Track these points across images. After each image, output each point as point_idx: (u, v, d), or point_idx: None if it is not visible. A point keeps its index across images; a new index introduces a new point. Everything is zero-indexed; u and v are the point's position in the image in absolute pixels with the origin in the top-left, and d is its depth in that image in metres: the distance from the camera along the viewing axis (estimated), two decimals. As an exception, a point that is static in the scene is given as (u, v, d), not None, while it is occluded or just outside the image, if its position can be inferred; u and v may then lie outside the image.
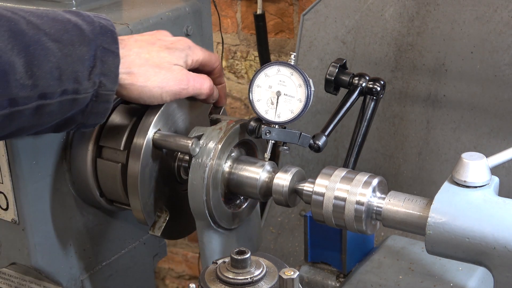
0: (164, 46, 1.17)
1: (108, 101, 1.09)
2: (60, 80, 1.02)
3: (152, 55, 1.15)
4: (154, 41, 1.18)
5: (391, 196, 1.12)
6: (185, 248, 2.75)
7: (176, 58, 1.18)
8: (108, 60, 1.07)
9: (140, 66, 1.13)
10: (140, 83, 1.13)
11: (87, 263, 1.37)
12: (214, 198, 1.20)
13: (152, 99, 1.16)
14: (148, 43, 1.16)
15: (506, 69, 1.53)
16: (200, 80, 1.21)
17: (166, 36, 1.21)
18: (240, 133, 1.24)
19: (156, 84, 1.15)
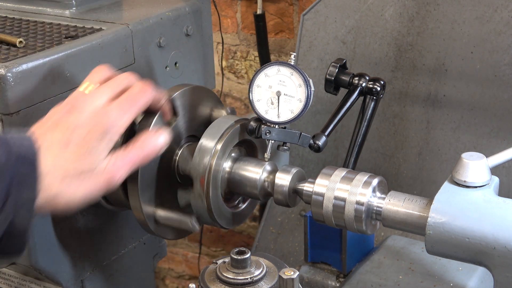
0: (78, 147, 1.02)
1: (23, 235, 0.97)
2: None
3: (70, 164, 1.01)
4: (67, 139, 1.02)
5: (391, 196, 1.12)
6: (185, 248, 2.75)
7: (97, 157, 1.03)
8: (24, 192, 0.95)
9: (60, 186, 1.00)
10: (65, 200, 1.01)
11: (87, 263, 1.37)
12: (214, 198, 1.20)
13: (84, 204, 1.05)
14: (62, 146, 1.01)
15: (506, 69, 1.53)
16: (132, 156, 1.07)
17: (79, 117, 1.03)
18: (240, 133, 1.24)
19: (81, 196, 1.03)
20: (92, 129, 1.03)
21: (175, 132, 1.25)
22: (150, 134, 1.10)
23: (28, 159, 0.96)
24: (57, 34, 1.32)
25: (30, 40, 1.29)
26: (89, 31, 1.33)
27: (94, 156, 1.03)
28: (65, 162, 1.00)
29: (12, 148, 0.95)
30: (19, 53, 1.22)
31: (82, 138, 1.02)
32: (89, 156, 1.02)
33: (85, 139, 1.02)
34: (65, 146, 1.01)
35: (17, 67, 1.16)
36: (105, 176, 1.04)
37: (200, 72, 1.54)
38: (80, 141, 1.02)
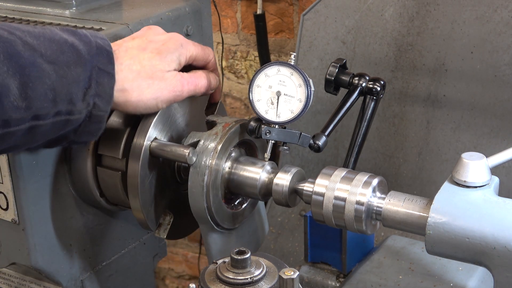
0: (155, 51, 1.15)
1: (101, 121, 1.09)
2: (54, 101, 1.01)
3: (144, 65, 1.13)
4: (145, 45, 1.15)
5: (391, 196, 1.12)
6: (185, 248, 2.75)
7: (168, 64, 1.16)
8: (103, 81, 1.06)
9: (132, 81, 1.12)
10: (134, 98, 1.12)
11: (87, 263, 1.37)
12: (214, 199, 1.20)
13: (148, 110, 1.16)
14: (139, 50, 1.14)
15: (506, 69, 1.53)
16: (194, 80, 1.20)
17: (157, 34, 1.19)
18: (240, 133, 1.24)
19: (151, 96, 1.14)
20: (166, 42, 1.17)
21: (176, 132, 1.25)
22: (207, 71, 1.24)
23: (105, 50, 1.07)
24: (57, 34, 1.32)
25: (30, 40, 1.28)
26: (89, 31, 1.33)
27: (167, 61, 1.15)
28: (141, 60, 1.13)
29: (91, 40, 1.06)
30: (19, 53, 1.22)
31: (157, 47, 1.15)
32: (162, 61, 1.14)
33: (160, 48, 1.15)
34: (143, 49, 1.14)
35: (17, 67, 1.16)
36: (174, 84, 1.16)
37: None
38: (155, 49, 1.15)
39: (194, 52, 1.21)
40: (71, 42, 1.04)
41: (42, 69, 1.00)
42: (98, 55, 1.06)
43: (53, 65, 1.01)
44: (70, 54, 1.03)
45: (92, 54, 1.05)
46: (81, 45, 1.05)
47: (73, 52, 1.04)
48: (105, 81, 1.06)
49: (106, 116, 1.09)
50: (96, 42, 1.07)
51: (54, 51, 1.02)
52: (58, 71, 1.01)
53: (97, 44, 1.07)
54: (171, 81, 1.16)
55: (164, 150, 1.19)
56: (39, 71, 0.99)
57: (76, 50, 1.04)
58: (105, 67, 1.06)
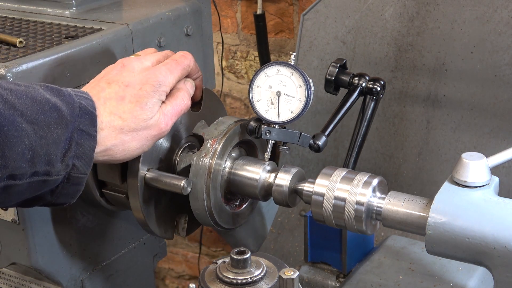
0: (134, 99, 1.09)
1: (80, 183, 1.05)
2: (32, 162, 0.98)
3: (125, 119, 1.08)
4: (123, 93, 1.10)
5: (391, 196, 1.12)
6: (185, 248, 2.75)
7: (150, 110, 1.11)
8: (84, 143, 1.03)
9: (115, 139, 1.08)
10: (119, 154, 1.09)
11: (87, 263, 1.37)
12: (214, 198, 1.20)
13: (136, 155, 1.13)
14: (117, 101, 1.09)
15: (506, 69, 1.53)
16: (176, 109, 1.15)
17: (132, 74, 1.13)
18: (240, 133, 1.24)
19: (136, 147, 1.11)
20: (144, 85, 1.11)
21: (175, 132, 1.25)
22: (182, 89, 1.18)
23: (89, 112, 1.04)
24: (57, 34, 1.32)
25: (30, 40, 1.29)
26: (89, 31, 1.33)
27: (147, 110, 1.10)
28: (122, 114, 1.08)
29: (75, 100, 1.03)
30: (19, 53, 1.22)
31: (136, 93, 1.10)
32: (143, 110, 1.10)
33: (138, 94, 1.10)
34: (121, 100, 1.09)
35: (17, 67, 1.16)
36: (158, 128, 1.12)
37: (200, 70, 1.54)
38: (134, 96, 1.10)
39: (174, 80, 1.15)
40: (53, 102, 1.01)
41: (21, 128, 0.97)
42: (81, 117, 1.03)
43: (33, 125, 0.98)
44: (51, 114, 1.00)
45: (74, 116, 1.02)
46: (64, 106, 1.02)
47: (55, 112, 1.00)
48: (86, 143, 1.03)
49: (85, 178, 1.05)
50: (80, 103, 1.04)
51: (35, 111, 0.99)
52: (38, 131, 0.98)
53: (81, 105, 1.03)
54: (155, 126, 1.12)
55: (160, 181, 1.19)
56: (18, 130, 0.96)
57: (59, 111, 1.01)
58: (87, 128, 1.03)
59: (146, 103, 1.10)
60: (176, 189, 1.18)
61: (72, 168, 1.02)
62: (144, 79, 1.12)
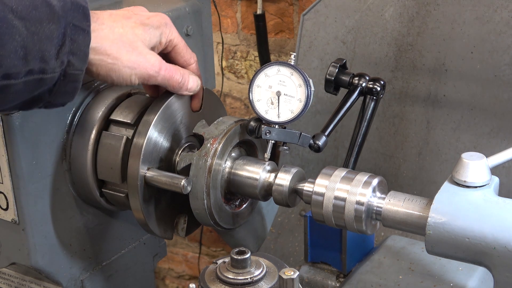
0: (139, 22, 1.12)
1: (77, 80, 1.04)
2: (25, 59, 0.96)
3: (126, 31, 1.10)
4: (130, 15, 1.12)
5: (391, 196, 1.12)
6: (185, 248, 2.75)
7: (150, 37, 1.13)
8: (78, 38, 1.01)
9: (112, 42, 1.08)
10: (111, 60, 1.08)
11: (87, 263, 1.37)
12: (214, 198, 1.20)
13: (121, 79, 1.11)
14: (123, 17, 1.11)
15: (506, 69, 1.53)
16: (171, 70, 1.17)
17: (143, 11, 1.17)
18: (240, 133, 1.24)
19: (127, 64, 1.10)
20: (151, 17, 1.14)
21: (175, 132, 1.25)
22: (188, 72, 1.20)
23: (81, 6, 1.02)
24: (57, 34, 1.31)
25: (30, 40, 1.28)
26: (89, 31, 1.32)
27: (147, 36, 1.12)
28: (124, 25, 1.10)
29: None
30: (19, 53, 1.22)
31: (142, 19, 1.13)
32: (144, 33, 1.11)
33: (144, 21, 1.13)
34: (127, 18, 1.12)
35: (17, 67, 1.16)
36: (152, 63, 1.12)
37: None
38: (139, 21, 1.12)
39: (176, 38, 1.18)
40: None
41: (12, 25, 0.95)
42: (73, 11, 1.01)
43: (24, 21, 0.96)
44: (42, 9, 0.98)
45: (66, 10, 1.00)
46: (55, 1, 1.00)
47: (46, 7, 0.98)
48: (80, 38, 1.01)
49: (82, 74, 1.04)
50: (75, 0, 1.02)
51: (26, 6, 0.97)
52: (29, 27, 0.96)
53: (72, 0, 1.02)
54: (150, 58, 1.13)
55: (160, 180, 1.19)
56: (9, 27, 0.95)
57: (50, 6, 0.98)
58: (80, 23, 1.01)
59: (149, 29, 1.12)
60: (176, 188, 1.18)
61: (67, 65, 1.01)
62: (153, 14, 1.16)
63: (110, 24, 1.08)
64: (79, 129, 1.25)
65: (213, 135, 1.21)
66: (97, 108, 1.26)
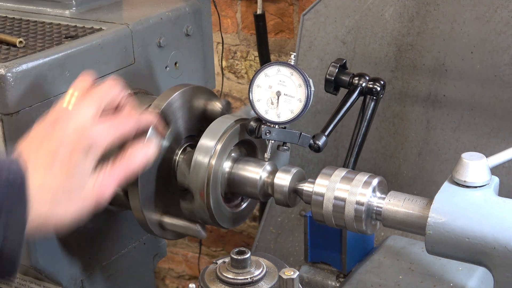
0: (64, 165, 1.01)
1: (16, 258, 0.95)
2: None
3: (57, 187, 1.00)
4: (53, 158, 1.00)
5: (391, 196, 1.12)
6: (185, 248, 2.75)
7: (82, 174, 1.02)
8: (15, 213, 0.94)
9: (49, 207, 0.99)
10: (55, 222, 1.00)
11: (87, 263, 1.37)
12: (214, 198, 1.20)
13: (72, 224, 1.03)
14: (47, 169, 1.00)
15: (506, 69, 1.53)
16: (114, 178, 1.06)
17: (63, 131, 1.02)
18: (240, 133, 1.24)
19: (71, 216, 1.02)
20: (75, 146, 1.02)
21: (175, 132, 1.25)
22: (137, 147, 1.09)
23: (17, 184, 0.95)
24: (57, 34, 1.32)
25: (30, 40, 1.29)
26: (89, 31, 1.33)
27: (79, 175, 1.02)
28: (52, 182, 1.00)
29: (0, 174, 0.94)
30: (19, 53, 1.22)
31: (67, 156, 1.01)
32: (75, 175, 1.01)
33: (69, 157, 1.01)
34: (50, 166, 1.00)
35: (17, 67, 1.16)
36: (94, 195, 1.03)
37: (200, 72, 1.54)
38: (64, 159, 1.01)
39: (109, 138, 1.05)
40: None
41: None
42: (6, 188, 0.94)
43: None
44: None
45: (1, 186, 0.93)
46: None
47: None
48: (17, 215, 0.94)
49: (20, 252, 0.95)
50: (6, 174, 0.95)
51: None
52: None
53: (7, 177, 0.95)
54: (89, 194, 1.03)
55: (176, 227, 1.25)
56: None
57: None
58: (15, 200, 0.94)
59: (77, 169, 1.01)
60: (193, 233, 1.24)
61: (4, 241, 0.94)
62: (75, 139, 1.02)
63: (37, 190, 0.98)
64: (79, 129, 1.25)
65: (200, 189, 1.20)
66: (97, 108, 1.26)
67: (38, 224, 0.98)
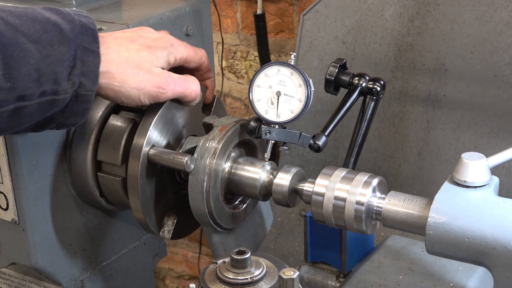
0: (145, 44, 1.14)
1: (88, 101, 1.06)
2: (39, 81, 0.99)
3: (132, 54, 1.11)
4: (135, 38, 1.14)
5: (391, 196, 1.12)
6: (185, 248, 2.75)
7: (157, 58, 1.14)
8: (88, 60, 1.04)
9: (118, 66, 1.10)
10: (117, 83, 1.10)
11: (87, 263, 1.37)
12: (214, 198, 1.20)
13: (130, 100, 1.13)
14: (128, 41, 1.13)
15: (506, 69, 1.53)
16: (183, 83, 1.17)
17: (148, 32, 1.17)
18: (240, 133, 1.24)
19: (134, 85, 1.11)
20: (157, 39, 1.16)
21: (175, 132, 1.25)
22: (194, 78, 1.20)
23: (89, 29, 1.05)
24: (57, 34, 1.31)
25: (30, 40, 1.28)
26: (89, 31, 1.32)
27: (155, 57, 1.13)
28: (130, 49, 1.11)
29: (74, 18, 1.04)
30: (19, 53, 1.22)
31: (147, 42, 1.14)
32: (151, 54, 1.13)
33: (149, 44, 1.14)
34: (132, 41, 1.13)
35: (17, 67, 1.16)
36: (159, 80, 1.14)
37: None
38: (145, 43, 1.14)
39: (184, 54, 1.19)
40: (54, 20, 1.02)
41: (25, 48, 0.98)
42: (82, 34, 1.03)
43: (36, 44, 0.99)
44: (53, 33, 1.01)
45: (76, 33, 1.03)
46: (65, 24, 1.02)
47: (56, 30, 1.01)
48: (90, 60, 1.04)
49: (93, 95, 1.07)
50: (80, 21, 1.05)
51: (37, 30, 1.00)
52: (41, 50, 0.99)
53: (81, 23, 1.05)
54: (157, 76, 1.14)
55: (162, 157, 1.19)
56: (22, 50, 0.97)
57: (59, 29, 1.02)
58: (90, 45, 1.04)
59: (155, 51, 1.14)
60: (179, 165, 1.17)
61: (79, 86, 1.04)
62: (159, 36, 1.17)
63: (116, 48, 1.10)
64: (79, 129, 1.25)
65: (223, 123, 1.22)
66: (97, 108, 1.26)
67: (105, 82, 1.08)
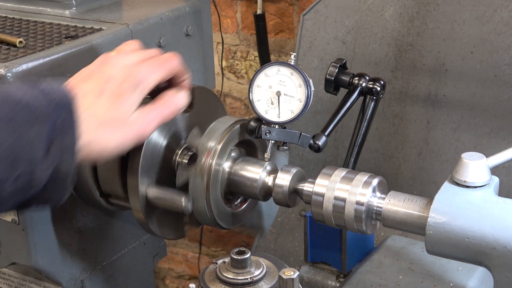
0: (113, 95, 1.06)
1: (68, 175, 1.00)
2: (12, 165, 0.94)
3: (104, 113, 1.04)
4: (102, 87, 1.06)
5: (391, 196, 1.12)
6: (185, 248, 2.75)
7: (129, 106, 1.07)
8: (65, 136, 0.98)
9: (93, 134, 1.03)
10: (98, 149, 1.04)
11: (87, 263, 1.37)
12: (214, 198, 1.20)
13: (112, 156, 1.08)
14: (97, 96, 1.05)
15: (506, 69, 1.53)
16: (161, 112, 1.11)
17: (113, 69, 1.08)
18: (240, 133, 1.24)
19: (114, 146, 1.06)
20: (125, 80, 1.07)
21: (175, 132, 1.25)
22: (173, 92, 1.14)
23: (67, 104, 1.00)
24: (57, 34, 1.32)
25: (30, 40, 1.29)
26: (89, 31, 1.33)
27: (126, 106, 1.07)
28: (100, 108, 1.04)
29: (50, 94, 0.99)
30: (19, 53, 1.22)
31: (116, 87, 1.06)
32: (122, 105, 1.06)
33: (118, 89, 1.06)
34: (100, 94, 1.05)
35: (17, 67, 1.16)
36: (137, 128, 1.08)
37: (200, 72, 1.54)
38: (113, 90, 1.06)
39: (156, 79, 1.11)
40: (26, 101, 0.97)
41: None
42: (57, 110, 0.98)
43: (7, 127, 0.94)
44: (25, 113, 0.96)
45: (51, 110, 0.97)
46: (39, 101, 0.97)
47: (28, 111, 0.96)
48: (68, 136, 0.99)
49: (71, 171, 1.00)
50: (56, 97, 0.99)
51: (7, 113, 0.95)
52: (13, 133, 0.94)
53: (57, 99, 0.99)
54: (134, 125, 1.08)
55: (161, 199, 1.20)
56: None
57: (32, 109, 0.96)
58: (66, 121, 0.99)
59: (125, 100, 1.07)
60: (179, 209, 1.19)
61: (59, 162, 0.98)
62: (125, 74, 1.08)
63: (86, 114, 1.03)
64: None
65: (206, 149, 1.20)
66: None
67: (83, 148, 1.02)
